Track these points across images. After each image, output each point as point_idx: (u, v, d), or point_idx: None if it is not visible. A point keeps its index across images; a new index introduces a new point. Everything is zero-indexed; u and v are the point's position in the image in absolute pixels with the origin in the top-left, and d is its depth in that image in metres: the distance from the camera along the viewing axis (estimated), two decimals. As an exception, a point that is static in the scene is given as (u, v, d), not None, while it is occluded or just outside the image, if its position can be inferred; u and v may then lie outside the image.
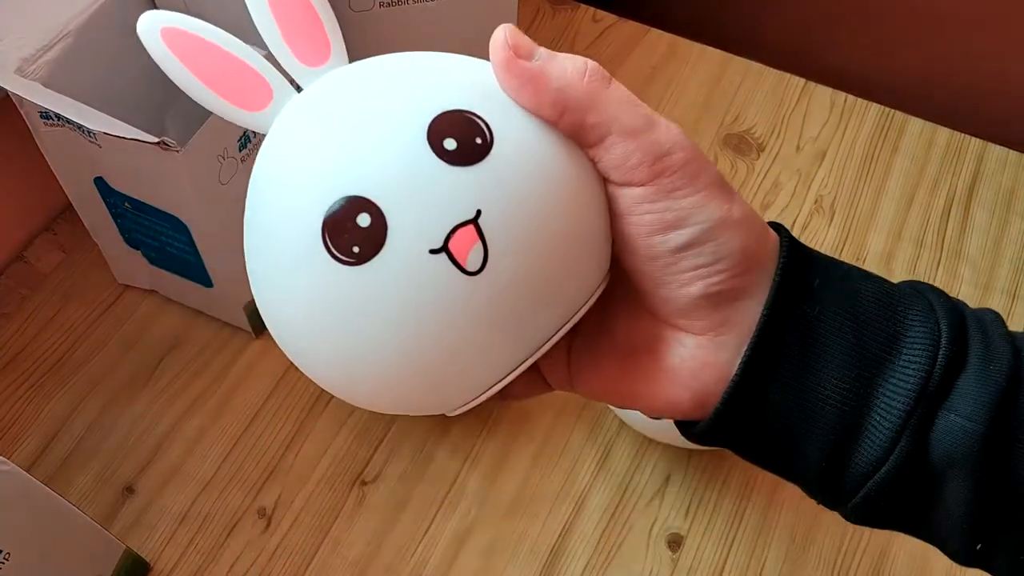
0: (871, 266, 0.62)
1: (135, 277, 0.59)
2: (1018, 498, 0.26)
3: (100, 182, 0.51)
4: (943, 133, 0.68)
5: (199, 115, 0.46)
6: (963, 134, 0.68)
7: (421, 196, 0.24)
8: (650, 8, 0.77)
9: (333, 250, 0.24)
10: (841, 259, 0.28)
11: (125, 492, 0.53)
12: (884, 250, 0.63)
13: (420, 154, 0.24)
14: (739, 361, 0.26)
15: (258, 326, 0.58)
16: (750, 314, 0.26)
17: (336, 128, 0.25)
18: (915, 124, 0.69)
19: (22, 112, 0.49)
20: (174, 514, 0.52)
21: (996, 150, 0.67)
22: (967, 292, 0.61)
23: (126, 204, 0.52)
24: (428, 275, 0.24)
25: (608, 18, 0.75)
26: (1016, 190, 0.66)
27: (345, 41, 0.65)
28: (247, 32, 0.50)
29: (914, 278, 0.61)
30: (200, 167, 0.46)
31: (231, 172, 0.48)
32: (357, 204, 0.24)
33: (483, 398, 0.27)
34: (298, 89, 0.27)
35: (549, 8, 0.76)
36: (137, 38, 0.27)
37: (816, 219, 0.64)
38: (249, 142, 0.49)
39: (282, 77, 0.27)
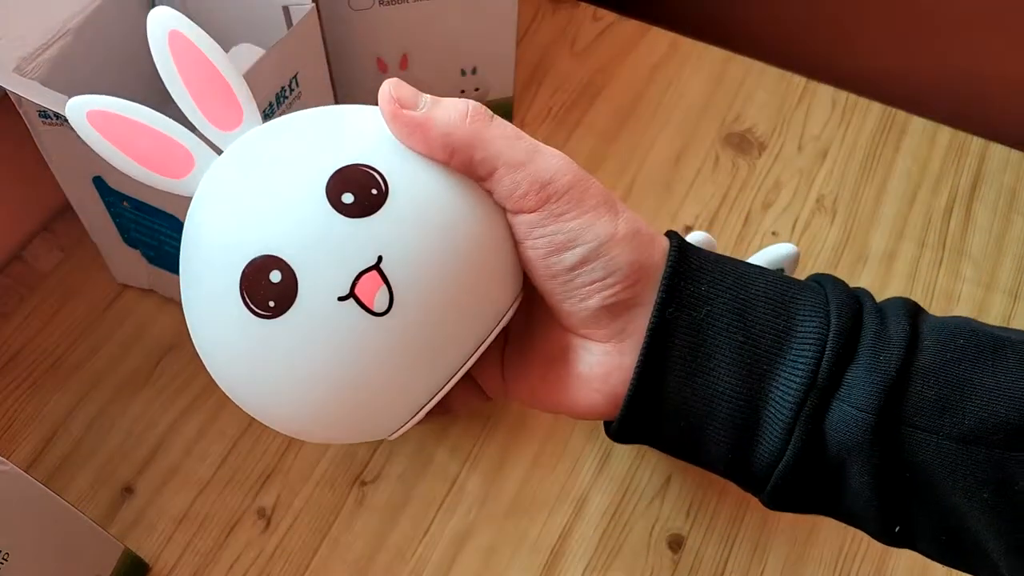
0: (873, 266, 0.62)
1: (134, 276, 0.59)
2: (921, 481, 0.27)
3: (99, 181, 0.51)
4: (945, 132, 0.68)
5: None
6: (965, 133, 0.68)
7: (325, 249, 0.26)
8: (651, 6, 0.77)
9: (251, 305, 0.27)
10: (738, 259, 0.30)
11: (124, 492, 0.53)
12: (886, 249, 0.63)
13: (320, 210, 0.26)
14: (634, 366, 0.28)
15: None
16: (645, 321, 0.28)
17: (246, 191, 0.28)
18: (917, 123, 0.69)
19: (20, 111, 0.48)
20: (173, 514, 0.52)
21: (998, 149, 0.67)
22: (969, 291, 0.61)
23: (125, 203, 0.51)
24: (340, 321, 0.26)
25: (608, 16, 0.75)
26: (1018, 189, 0.65)
27: (345, 40, 0.65)
28: (246, 32, 0.50)
29: (916, 278, 0.61)
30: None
31: (230, 171, 0.48)
32: (268, 262, 0.26)
33: (413, 422, 0.29)
34: (219, 152, 0.30)
35: (549, 6, 0.75)
36: (136, 37, 0.28)
37: (818, 218, 0.64)
38: (248, 141, 0.49)
39: (202, 143, 0.30)
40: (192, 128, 0.30)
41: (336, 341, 0.26)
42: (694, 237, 0.44)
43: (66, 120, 0.46)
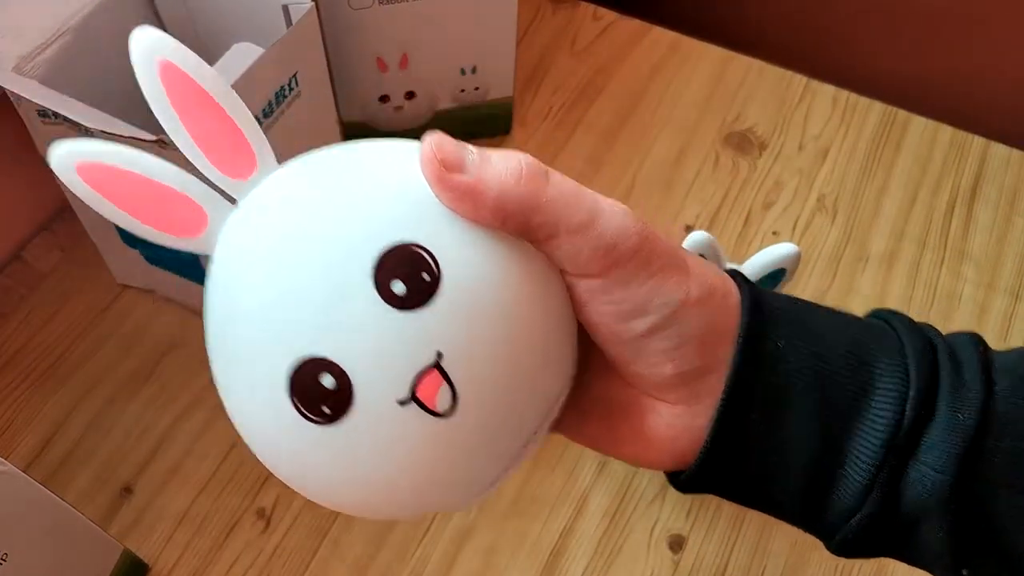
0: (874, 266, 0.62)
1: (133, 276, 0.59)
2: (993, 532, 0.26)
3: (98, 181, 0.51)
4: (946, 132, 0.68)
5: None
6: (966, 132, 0.68)
7: (380, 349, 0.24)
8: (651, 6, 0.77)
9: (304, 411, 0.24)
10: (810, 302, 0.29)
11: (124, 492, 0.53)
12: (887, 249, 0.63)
13: (371, 304, 0.24)
14: (707, 431, 0.27)
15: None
16: (720, 383, 0.27)
17: (280, 272, 0.24)
18: (918, 122, 0.68)
19: (20, 110, 0.48)
20: (173, 515, 0.52)
21: (999, 149, 0.67)
22: (970, 292, 0.61)
23: (124, 203, 0.51)
24: (401, 424, 0.24)
25: (609, 16, 0.74)
26: (1019, 189, 0.65)
27: (345, 40, 0.65)
28: (246, 31, 0.50)
29: (917, 277, 0.61)
30: (198, 166, 0.46)
31: (230, 171, 0.48)
32: (319, 365, 0.24)
33: (477, 500, 0.28)
34: (232, 200, 0.26)
35: (549, 6, 0.75)
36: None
37: (819, 218, 0.64)
38: (248, 141, 0.48)
39: (214, 194, 0.26)
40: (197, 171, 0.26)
41: (398, 445, 0.25)
42: (695, 237, 0.44)
43: (65, 119, 0.46)
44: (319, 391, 0.24)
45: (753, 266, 0.45)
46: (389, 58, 0.59)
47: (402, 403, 0.24)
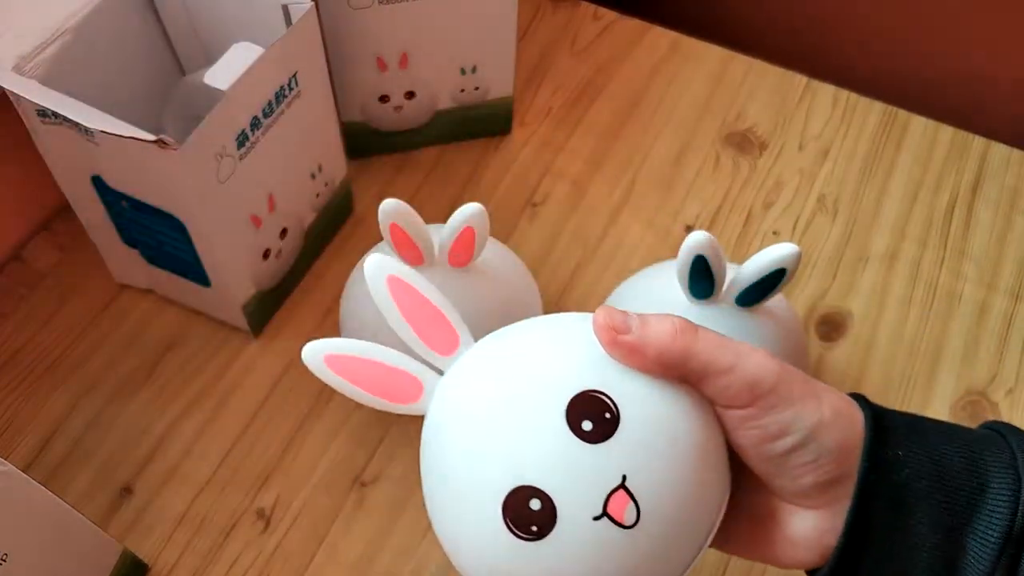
0: (874, 265, 0.62)
1: (133, 276, 0.59)
2: None
3: (98, 180, 0.51)
4: (947, 131, 0.68)
5: (197, 113, 0.45)
6: (967, 132, 0.68)
7: (576, 475, 0.30)
8: (651, 5, 0.77)
9: (516, 531, 0.30)
10: (922, 415, 0.33)
11: (123, 492, 0.53)
12: (887, 249, 0.63)
13: (567, 441, 0.30)
14: (842, 527, 0.31)
15: (256, 326, 0.58)
16: (852, 488, 0.31)
17: (492, 423, 0.31)
18: (918, 122, 0.68)
19: (19, 110, 0.48)
20: (172, 515, 0.52)
21: (1000, 148, 0.67)
22: (971, 291, 0.61)
23: (124, 203, 0.51)
24: (596, 538, 0.30)
25: (609, 15, 0.74)
26: (1020, 188, 0.65)
27: (345, 39, 0.65)
28: (245, 30, 0.50)
29: (917, 277, 0.61)
30: (198, 165, 0.46)
31: (229, 170, 0.48)
32: (528, 492, 0.30)
33: None
34: (440, 371, 0.34)
35: (549, 5, 0.75)
36: (135, 36, 0.28)
37: (819, 218, 0.64)
38: (247, 140, 0.48)
39: (427, 369, 0.34)
40: (409, 350, 0.34)
41: (595, 555, 0.30)
42: (695, 237, 0.44)
43: (64, 119, 0.46)
44: (529, 513, 0.30)
45: (753, 266, 0.45)
46: (389, 58, 0.59)
47: (596, 519, 0.30)
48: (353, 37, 0.57)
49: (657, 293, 0.51)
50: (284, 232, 0.56)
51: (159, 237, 0.52)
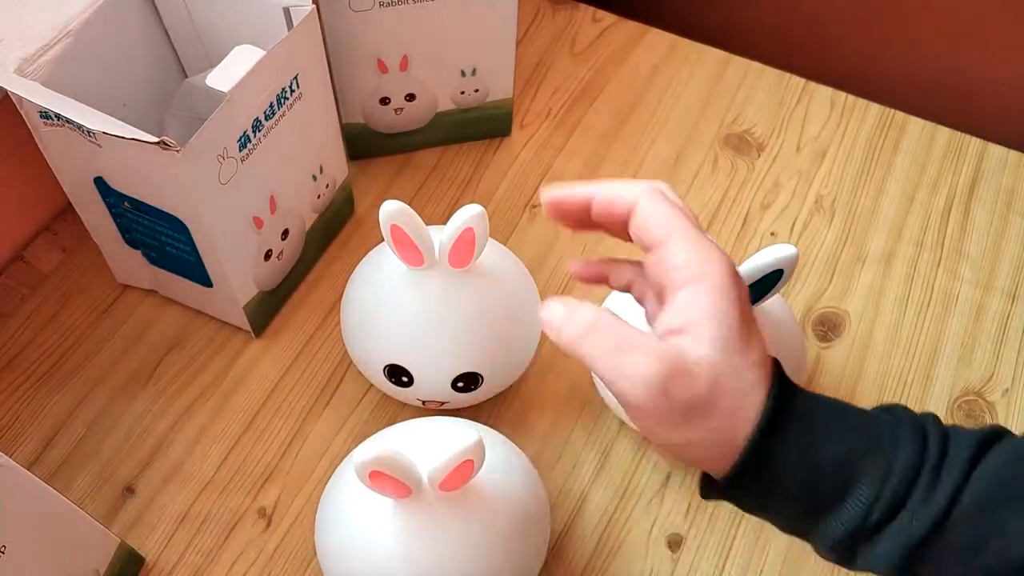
0: (871, 266, 0.62)
1: (135, 277, 0.59)
2: None
3: (100, 182, 0.51)
4: (943, 133, 0.68)
5: (199, 115, 0.46)
6: (963, 134, 0.68)
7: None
8: (650, 8, 0.77)
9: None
10: (830, 399, 0.35)
11: (125, 492, 0.53)
12: (884, 250, 0.63)
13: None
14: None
15: (258, 326, 0.58)
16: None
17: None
18: (915, 124, 0.69)
19: (22, 112, 0.49)
20: (174, 514, 0.52)
21: (996, 150, 0.67)
22: (967, 292, 0.61)
23: (126, 204, 0.51)
24: None
25: (608, 18, 0.75)
26: (1016, 189, 0.66)
27: (345, 42, 0.65)
28: (247, 33, 0.50)
29: (914, 278, 0.61)
30: (200, 167, 0.46)
31: (231, 172, 0.48)
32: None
33: None
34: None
35: (549, 8, 0.76)
36: (137, 38, 0.28)
37: (816, 219, 0.64)
38: (249, 142, 0.49)
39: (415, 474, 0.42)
40: None
41: None
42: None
43: (67, 121, 0.47)
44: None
45: (751, 267, 0.45)
46: (389, 60, 0.59)
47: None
48: (354, 39, 0.57)
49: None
50: (285, 233, 0.56)
51: (161, 238, 0.53)
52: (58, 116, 0.47)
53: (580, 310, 0.34)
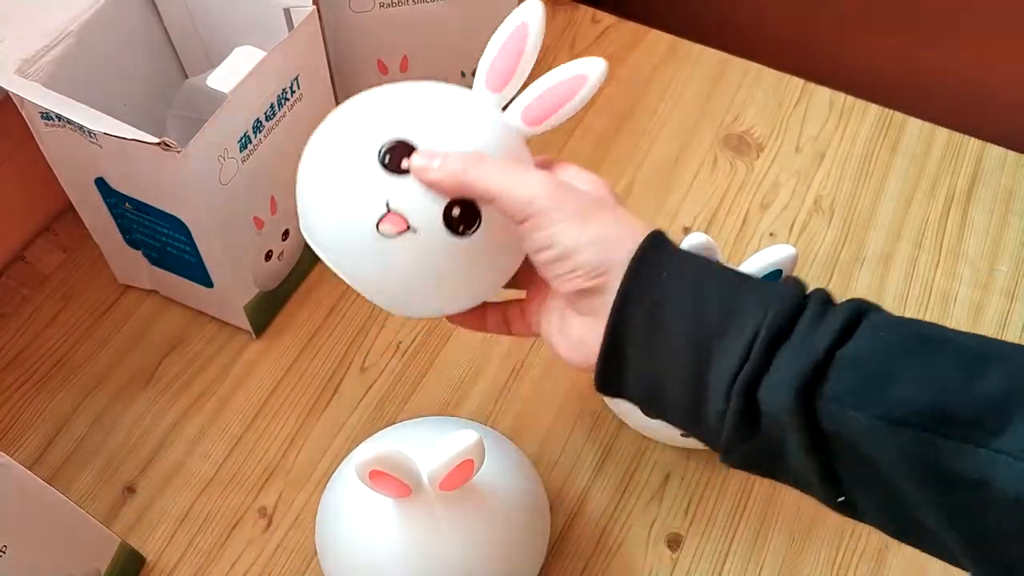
0: (870, 267, 0.62)
1: (136, 277, 0.59)
2: (855, 456, 0.31)
3: (101, 182, 0.51)
4: (942, 133, 0.68)
5: (200, 116, 0.46)
6: (962, 134, 0.68)
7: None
8: (650, 9, 0.77)
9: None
10: (715, 262, 0.36)
11: (126, 492, 0.53)
12: (883, 250, 0.63)
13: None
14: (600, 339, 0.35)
15: (258, 326, 0.58)
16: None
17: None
18: (914, 124, 0.69)
19: (23, 113, 0.49)
20: (175, 514, 0.52)
21: (995, 150, 0.68)
22: (966, 292, 0.61)
23: (127, 204, 0.52)
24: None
25: (608, 19, 0.75)
26: (1015, 190, 0.66)
27: (346, 42, 0.65)
28: (247, 34, 0.50)
29: (913, 278, 0.62)
30: (201, 168, 0.46)
31: (232, 172, 0.48)
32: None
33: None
34: None
35: (549, 8, 0.75)
36: (137, 40, 0.28)
37: (815, 219, 0.64)
38: (250, 142, 0.49)
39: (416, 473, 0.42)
40: None
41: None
42: (692, 239, 0.44)
43: (68, 122, 0.47)
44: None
45: (750, 267, 0.45)
46: (390, 61, 0.59)
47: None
48: (354, 40, 0.58)
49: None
50: (286, 234, 0.56)
51: (162, 238, 0.53)
52: (59, 117, 0.47)
53: (458, 150, 0.36)
